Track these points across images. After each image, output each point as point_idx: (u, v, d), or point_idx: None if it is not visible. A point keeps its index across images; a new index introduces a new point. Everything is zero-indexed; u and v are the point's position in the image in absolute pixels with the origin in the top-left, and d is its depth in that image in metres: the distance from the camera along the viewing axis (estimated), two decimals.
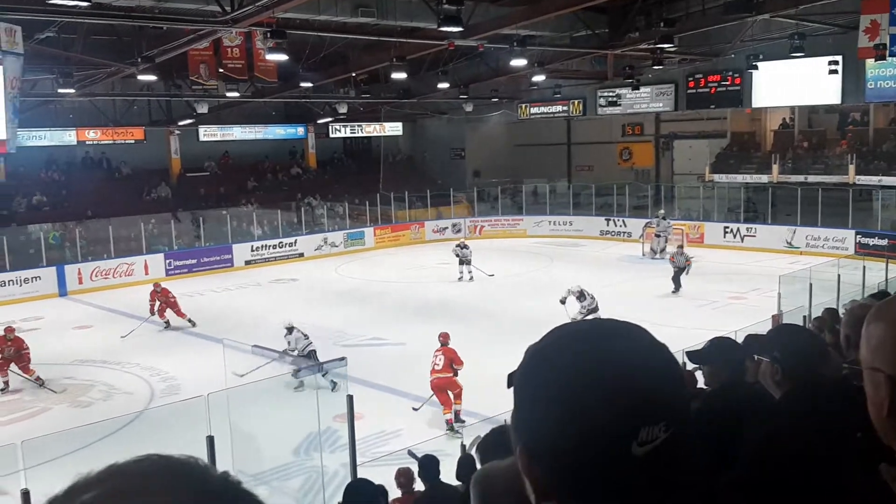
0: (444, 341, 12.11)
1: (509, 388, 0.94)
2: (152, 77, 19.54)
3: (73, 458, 10.53)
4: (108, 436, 11.47)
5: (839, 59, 23.23)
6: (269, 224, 29.32)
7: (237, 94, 24.26)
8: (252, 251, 27.77)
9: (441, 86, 26.82)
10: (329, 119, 32.33)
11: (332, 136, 34.24)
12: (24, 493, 5.17)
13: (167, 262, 25.82)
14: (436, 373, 11.59)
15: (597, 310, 15.29)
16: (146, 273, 25.04)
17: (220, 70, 22.87)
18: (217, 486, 0.70)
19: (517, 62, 20.97)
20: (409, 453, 7.17)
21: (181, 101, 27.66)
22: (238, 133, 31.87)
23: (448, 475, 6.13)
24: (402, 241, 31.09)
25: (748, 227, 27.24)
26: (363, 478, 6.19)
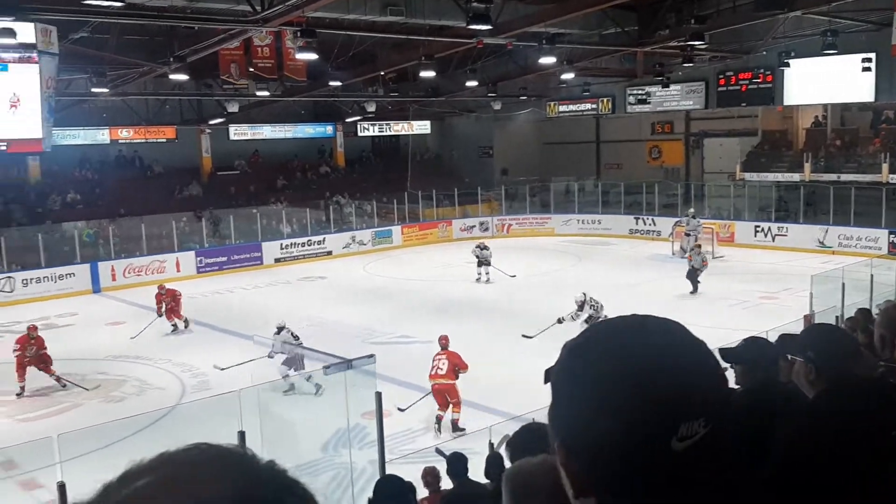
0: (445, 344, 11.78)
1: (546, 383, 0.94)
2: (184, 76, 19.73)
3: (106, 453, 10.68)
4: (141, 430, 11.63)
5: (872, 56, 22.88)
6: (297, 222, 29.51)
7: (267, 94, 24.44)
8: (281, 249, 28.00)
9: (469, 84, 26.81)
10: (357, 118, 32.45)
11: (360, 134, 34.35)
12: (61, 486, 5.25)
13: (198, 259, 26.11)
14: (438, 377, 11.31)
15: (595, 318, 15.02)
16: (178, 270, 25.38)
17: (251, 69, 23.06)
18: (265, 474, 0.72)
19: (546, 60, 20.90)
20: (437, 451, 7.18)
21: (212, 101, 27.94)
22: (268, 132, 32.07)
23: (476, 473, 6.15)
24: (429, 239, 31.14)
25: (779, 226, 26.92)
26: (393, 474, 6.23)
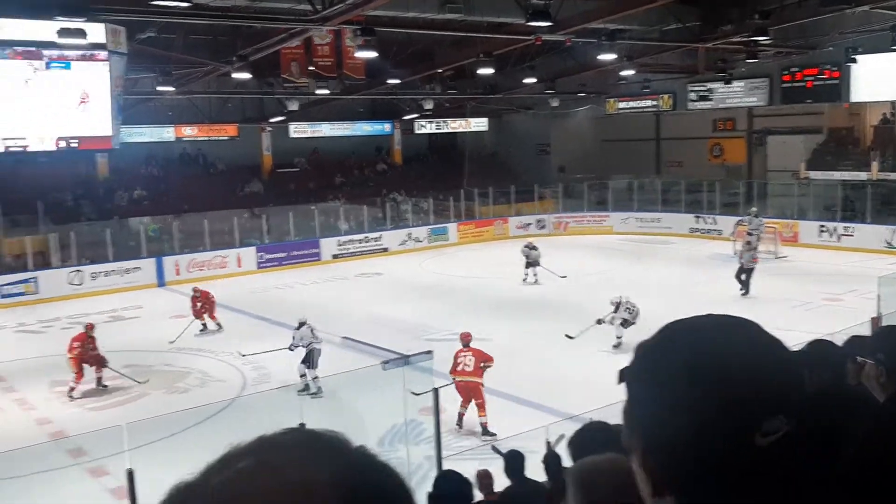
0: (467, 341, 11.58)
1: (620, 383, 0.95)
2: (247, 75, 20.08)
3: (171, 442, 10.97)
4: (204, 421, 11.90)
5: None
6: (354, 219, 29.79)
7: (326, 92, 24.73)
8: (339, 245, 28.32)
9: (527, 81, 26.70)
10: (415, 115, 32.60)
11: (417, 132, 34.47)
12: (129, 473, 5.40)
13: (258, 255, 26.59)
14: (465, 374, 11.16)
15: (633, 323, 14.74)
16: (238, 266, 25.93)
17: (311, 68, 23.34)
18: (360, 458, 0.75)
19: (606, 56, 20.68)
20: (494, 449, 7.20)
21: (273, 99, 28.37)
22: (327, 130, 32.42)
23: (532, 471, 6.14)
24: (485, 236, 31.13)
25: (845, 226, 26.17)
26: (452, 469, 6.27)
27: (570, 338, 14.82)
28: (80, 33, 11.19)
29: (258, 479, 0.70)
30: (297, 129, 31.38)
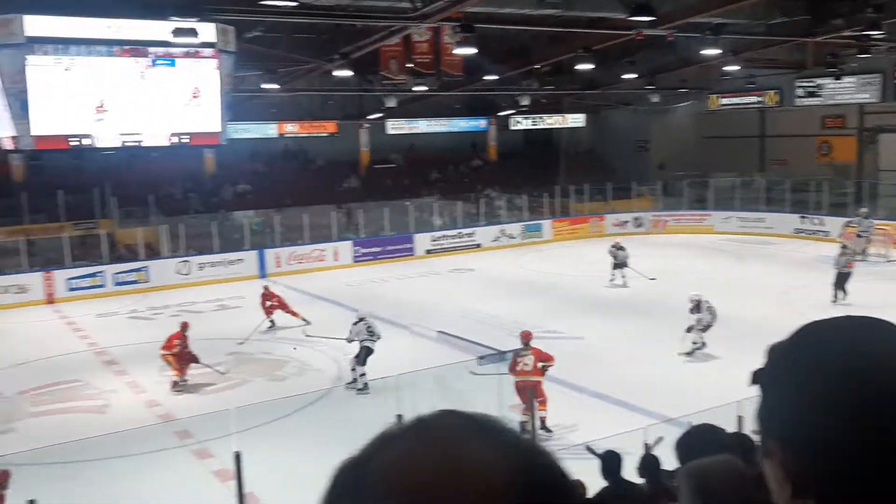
0: (527, 340, 11.26)
1: (753, 384, 0.94)
2: (348, 73, 20.47)
3: (271, 427, 11.35)
4: (302, 409, 12.26)
5: None
6: (448, 215, 29.98)
7: (424, 88, 24.97)
8: (432, 241, 28.55)
9: (627, 76, 26.27)
10: (511, 111, 32.53)
11: (512, 128, 34.40)
12: (237, 455, 5.61)
13: (355, 249, 27.13)
14: (524, 374, 10.85)
15: (710, 326, 14.17)
16: (335, 259, 26.53)
17: (409, 65, 23.60)
18: (520, 439, 0.75)
19: (709, 51, 20.15)
20: (588, 449, 7.15)
21: (371, 96, 28.81)
22: (423, 126, 32.72)
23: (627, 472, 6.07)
24: (580, 234, 30.81)
25: None
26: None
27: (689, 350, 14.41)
28: (193, 33, 11.68)
29: (424, 462, 0.69)
30: (395, 126, 31.80)
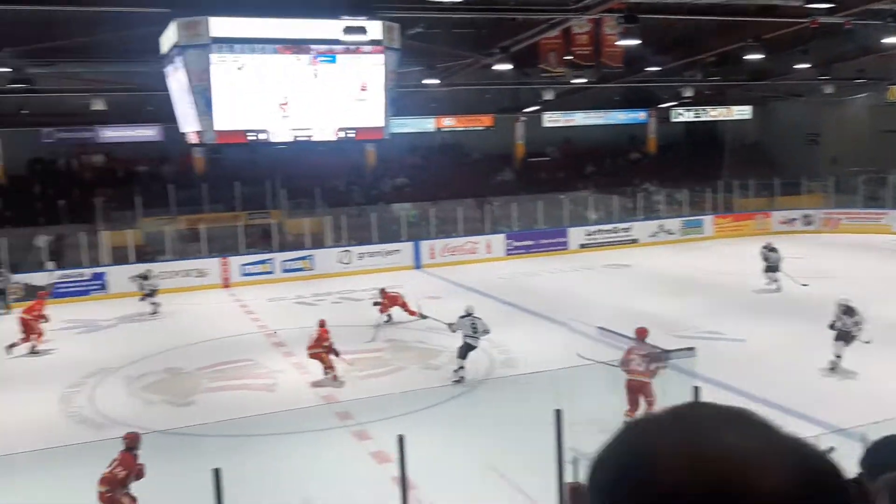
0: (643, 337, 10.65)
1: None
2: (507, 66, 20.57)
3: (425, 414, 11.65)
4: (453, 399, 12.49)
5: None
6: (604, 209, 29.55)
7: (583, 81, 24.70)
8: (587, 235, 28.28)
9: (798, 66, 24.87)
10: (672, 103, 31.60)
11: (673, 120, 33.40)
12: (400, 438, 5.77)
13: (507, 242, 27.28)
14: (637, 373, 10.47)
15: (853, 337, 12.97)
16: (488, 252, 26.78)
17: (568, 57, 23.41)
18: (797, 439, 0.74)
19: (891, 40, 18.75)
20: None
21: (528, 89, 28.82)
22: (580, 119, 32.37)
23: None
24: (743, 231, 29.49)
25: None
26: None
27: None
28: (362, 31, 12.14)
29: (712, 451, 0.70)
30: (551, 119, 31.66)
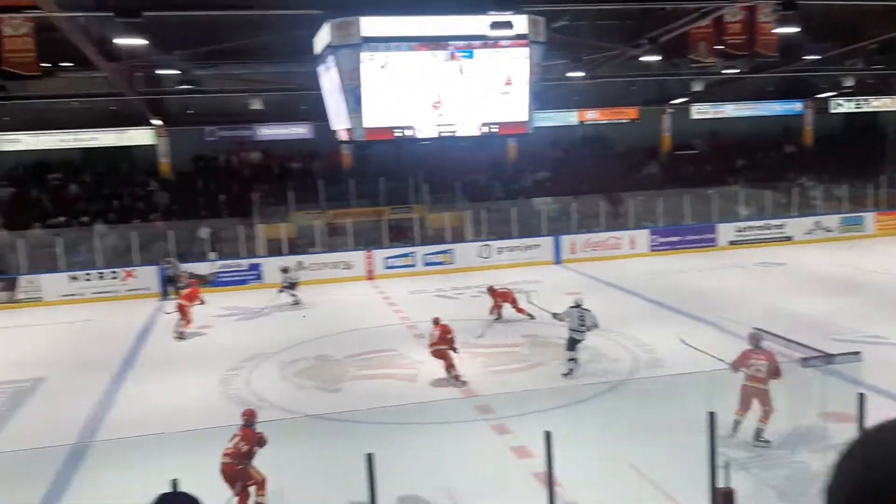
0: (757, 342, 10.12)
1: None
2: (655, 57, 20.09)
3: (564, 412, 11.58)
4: (593, 398, 12.32)
5: None
6: (755, 204, 28.32)
7: (735, 71, 23.77)
8: (737, 232, 27.27)
9: None
10: (831, 93, 29.82)
11: (832, 111, 31.49)
12: (547, 435, 5.75)
13: (652, 238, 26.68)
14: (756, 380, 9.90)
15: None
16: (631, 247, 26.27)
17: (719, 47, 22.54)
18: None
19: None
20: None
21: (675, 80, 28.01)
22: (730, 110, 31.18)
23: None
24: None
25: None
26: None
27: None
28: (509, 25, 12.15)
29: None
30: (699, 110, 30.71)
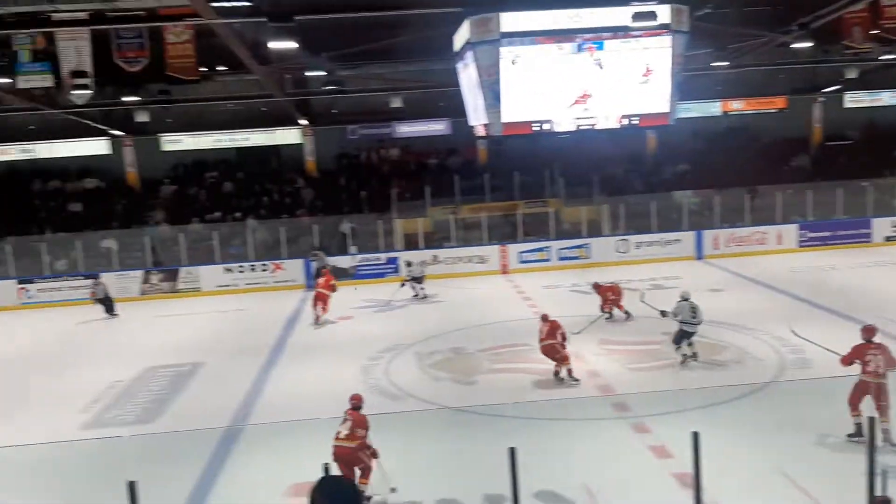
0: (870, 336, 9.87)
1: None
2: (807, 44, 19.09)
3: (705, 413, 11.23)
4: (737, 399, 11.85)
5: None
6: None
7: (893, 56, 22.31)
8: (893, 227, 25.78)
9: None
10: None
11: None
12: (695, 436, 5.61)
13: (800, 233, 25.64)
14: (876, 375, 9.59)
15: None
16: (778, 243, 25.34)
17: (875, 31, 21.25)
18: None
19: None
20: None
21: (827, 68, 26.58)
22: (887, 98, 29.39)
23: None
24: None
25: None
26: None
27: None
28: (652, 16, 11.88)
29: None
30: (853, 99, 29.23)
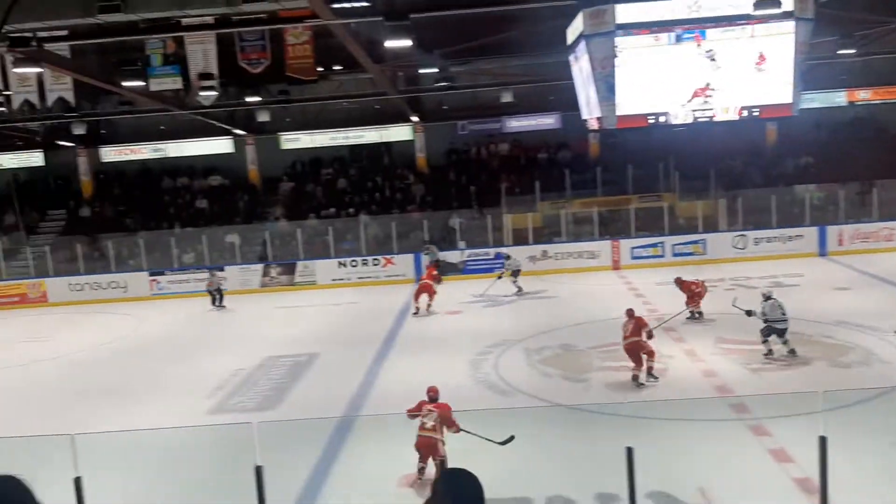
0: None
1: None
2: None
3: (830, 416, 10.71)
4: (861, 402, 11.28)
5: None
6: None
7: None
8: None
9: None
10: None
11: None
12: (822, 440, 5.44)
13: None
14: None
15: None
16: None
17: None
18: None
19: None
20: None
21: None
22: None
23: None
24: None
25: None
26: None
27: None
28: (776, 4, 11.46)
29: None
30: None
